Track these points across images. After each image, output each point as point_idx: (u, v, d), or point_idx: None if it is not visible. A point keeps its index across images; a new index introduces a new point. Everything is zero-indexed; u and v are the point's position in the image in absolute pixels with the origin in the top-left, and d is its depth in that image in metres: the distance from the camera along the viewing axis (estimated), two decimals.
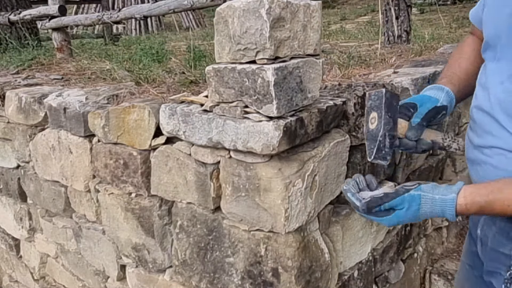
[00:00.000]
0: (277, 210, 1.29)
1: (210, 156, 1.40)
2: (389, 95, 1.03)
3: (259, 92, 1.16)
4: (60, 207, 2.10)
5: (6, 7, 4.43)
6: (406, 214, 0.96)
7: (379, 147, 1.02)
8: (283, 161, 1.28)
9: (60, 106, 1.89)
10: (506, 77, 0.98)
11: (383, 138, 1.02)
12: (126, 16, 3.09)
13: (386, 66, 2.18)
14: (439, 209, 0.95)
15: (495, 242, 1.07)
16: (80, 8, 11.22)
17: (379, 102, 1.03)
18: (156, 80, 2.01)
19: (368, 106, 1.06)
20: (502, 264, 1.04)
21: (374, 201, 0.97)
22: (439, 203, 0.95)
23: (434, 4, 7.65)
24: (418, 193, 0.96)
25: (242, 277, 1.44)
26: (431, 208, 0.95)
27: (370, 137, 1.05)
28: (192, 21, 11.22)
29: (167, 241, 1.66)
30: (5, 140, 2.36)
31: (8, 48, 3.80)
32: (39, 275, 2.51)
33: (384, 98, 1.02)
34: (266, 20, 1.09)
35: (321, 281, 1.45)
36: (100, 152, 1.76)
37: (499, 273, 1.06)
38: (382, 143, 1.02)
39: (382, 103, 1.03)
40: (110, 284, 2.02)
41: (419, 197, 0.96)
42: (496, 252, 1.06)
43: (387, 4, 2.85)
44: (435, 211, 0.95)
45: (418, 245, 2.17)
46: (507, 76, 0.97)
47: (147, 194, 1.65)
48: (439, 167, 2.20)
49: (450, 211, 0.93)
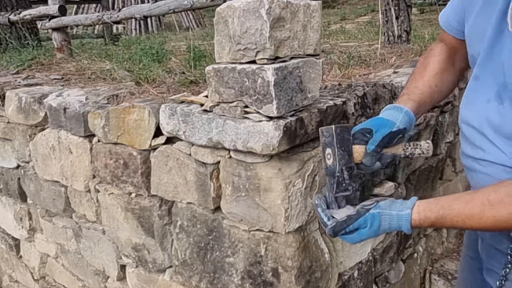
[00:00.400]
0: (277, 210, 1.29)
1: (210, 156, 1.40)
2: (339, 130, 1.06)
3: (259, 92, 1.16)
4: (60, 207, 2.10)
5: (6, 7, 4.43)
6: (368, 232, 1.01)
7: (339, 182, 1.06)
8: (283, 161, 1.28)
9: (60, 106, 1.89)
10: (493, 95, 0.98)
11: (340, 173, 1.06)
12: (126, 16, 3.09)
13: (386, 66, 2.18)
14: (396, 224, 1.00)
15: (493, 239, 1.07)
16: (80, 8, 11.22)
17: (331, 138, 1.06)
18: (156, 80, 2.01)
19: (322, 142, 1.09)
20: (498, 262, 1.05)
21: (339, 225, 1.01)
22: (396, 218, 1.00)
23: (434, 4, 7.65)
24: (377, 211, 1.01)
25: (242, 277, 1.44)
26: (389, 223, 1.00)
27: (329, 173, 1.08)
28: (192, 21, 11.22)
29: (167, 241, 1.66)
30: (5, 140, 2.36)
31: (8, 48, 3.80)
32: (39, 275, 2.51)
33: (335, 134, 1.05)
34: (266, 20, 1.09)
35: (321, 281, 1.45)
36: (100, 152, 1.76)
37: (494, 271, 1.07)
38: (341, 177, 1.06)
39: (333, 139, 1.06)
40: (110, 284, 2.02)
41: (379, 215, 1.01)
42: (493, 249, 1.07)
43: (387, 4, 2.85)
44: (393, 226, 1.00)
45: (418, 245, 2.17)
46: (493, 93, 0.98)
47: (147, 194, 1.65)
48: (439, 167, 2.20)
49: (406, 226, 0.98)
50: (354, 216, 1.01)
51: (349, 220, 1.01)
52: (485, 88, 1.01)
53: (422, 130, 1.91)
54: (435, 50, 1.26)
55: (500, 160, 0.98)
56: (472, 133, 1.06)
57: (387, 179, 1.77)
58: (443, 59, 1.23)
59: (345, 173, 1.06)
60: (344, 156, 1.06)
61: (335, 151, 1.05)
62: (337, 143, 1.05)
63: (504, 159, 0.97)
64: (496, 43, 0.98)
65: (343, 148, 1.06)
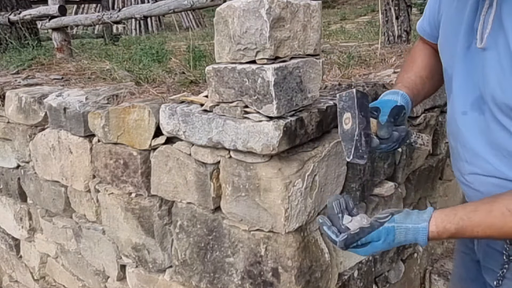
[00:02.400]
0: (277, 210, 1.29)
1: (210, 156, 1.40)
2: (360, 95, 1.04)
3: (259, 92, 1.16)
4: (60, 207, 2.10)
5: (6, 7, 4.43)
6: (382, 246, 0.99)
7: (357, 146, 1.02)
8: (283, 161, 1.28)
9: (60, 106, 1.89)
10: (469, 107, 1.00)
11: (359, 137, 1.02)
12: (126, 16, 3.09)
13: (386, 66, 2.18)
14: (412, 237, 0.98)
15: (488, 239, 1.07)
16: (80, 8, 11.22)
17: (351, 102, 1.04)
18: (156, 80, 2.01)
19: (340, 107, 1.07)
20: (495, 261, 1.06)
21: (351, 238, 0.99)
22: (412, 231, 0.98)
23: None
24: (392, 225, 0.99)
25: (242, 277, 1.44)
26: (405, 237, 0.98)
27: (346, 138, 1.05)
28: (192, 21, 11.22)
29: (167, 241, 1.66)
30: (5, 140, 2.36)
31: (8, 48, 3.80)
32: (39, 275, 2.51)
33: (355, 98, 1.03)
34: (266, 20, 1.09)
35: (321, 281, 1.45)
36: (100, 152, 1.76)
37: (491, 269, 1.07)
38: (359, 142, 1.02)
39: (354, 103, 1.03)
40: (110, 284, 2.02)
41: (393, 229, 0.98)
42: (489, 248, 1.08)
43: (387, 4, 2.85)
44: (408, 239, 0.98)
45: (418, 245, 2.17)
46: (469, 105, 1.00)
47: (147, 194, 1.65)
48: (439, 167, 2.20)
49: (423, 239, 0.97)
50: (367, 229, 0.98)
51: (361, 233, 0.98)
52: (461, 100, 1.02)
53: (422, 130, 1.91)
54: (420, 46, 1.30)
55: (486, 171, 0.99)
56: (455, 144, 1.08)
57: (387, 179, 1.77)
58: (429, 54, 1.27)
59: (363, 139, 1.02)
60: (363, 121, 1.03)
61: (356, 114, 1.02)
62: (358, 107, 1.02)
63: (490, 170, 0.98)
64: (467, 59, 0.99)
65: (363, 113, 1.03)
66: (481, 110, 0.97)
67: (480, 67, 0.95)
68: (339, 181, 1.51)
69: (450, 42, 1.06)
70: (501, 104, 0.90)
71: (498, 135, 0.94)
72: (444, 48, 1.11)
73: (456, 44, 1.02)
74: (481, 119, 0.97)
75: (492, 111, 0.94)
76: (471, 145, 1.01)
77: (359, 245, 1.00)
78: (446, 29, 1.09)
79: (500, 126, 0.93)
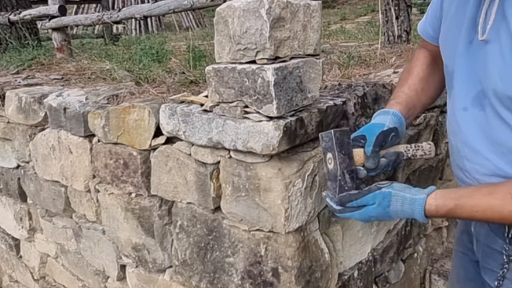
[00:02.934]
0: (277, 210, 1.29)
1: (210, 156, 1.40)
2: (338, 134, 1.07)
3: (259, 92, 1.16)
4: (60, 207, 2.10)
5: (6, 7, 4.43)
6: (376, 210, 1.00)
7: (341, 185, 1.06)
8: (283, 161, 1.28)
9: (60, 106, 1.89)
10: (470, 103, 1.00)
11: (341, 176, 1.07)
12: (126, 16, 3.09)
13: (386, 66, 2.18)
14: (408, 207, 0.97)
15: (488, 239, 1.08)
16: (80, 8, 11.22)
17: (330, 143, 1.08)
18: (156, 80, 2.01)
19: (323, 147, 1.11)
20: (495, 261, 1.05)
21: (348, 196, 1.02)
22: (409, 201, 0.98)
23: None
24: (389, 190, 1.00)
25: (242, 277, 1.44)
26: (401, 206, 0.98)
27: (331, 177, 1.10)
28: (192, 21, 11.22)
29: (167, 241, 1.66)
30: (5, 140, 2.36)
31: (8, 48, 3.80)
32: (39, 275, 2.51)
33: (334, 138, 1.07)
34: (266, 20, 1.09)
35: (321, 281, 1.45)
36: (100, 152, 1.76)
37: (491, 270, 1.07)
38: (342, 181, 1.07)
39: (333, 143, 1.07)
40: (110, 284, 2.02)
41: (389, 195, 0.99)
42: (489, 248, 1.08)
43: (387, 4, 2.85)
44: (404, 209, 0.98)
45: (418, 245, 2.17)
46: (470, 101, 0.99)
47: (147, 194, 1.65)
48: (439, 167, 2.20)
49: (419, 211, 0.96)
50: (364, 191, 1.01)
51: (358, 194, 1.01)
52: (462, 96, 1.02)
53: (422, 130, 1.91)
54: (418, 55, 1.30)
55: (486, 170, 0.99)
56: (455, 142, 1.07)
57: (387, 179, 1.77)
58: (427, 64, 1.26)
59: (346, 176, 1.07)
60: (345, 160, 1.07)
61: (336, 155, 1.07)
62: (337, 147, 1.07)
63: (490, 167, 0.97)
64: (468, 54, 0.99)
65: (343, 152, 1.07)
66: (481, 105, 0.97)
67: (481, 61, 0.94)
68: None
69: (451, 38, 1.05)
70: (503, 96, 0.90)
71: (498, 131, 0.94)
72: (445, 44, 1.10)
73: (457, 39, 1.02)
74: (481, 115, 0.97)
75: (493, 106, 0.93)
76: (471, 142, 1.01)
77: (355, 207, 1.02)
78: (448, 25, 1.08)
79: (501, 121, 0.93)
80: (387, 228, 1.84)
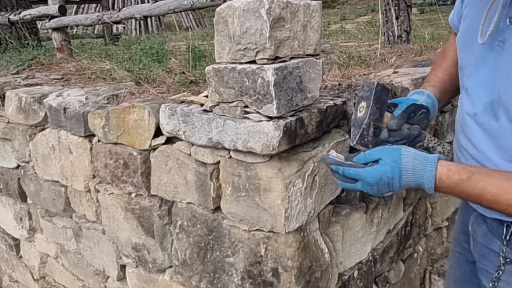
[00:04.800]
0: (277, 210, 1.29)
1: (210, 156, 1.40)
2: (380, 88, 1.08)
3: (259, 92, 1.16)
4: (60, 207, 2.10)
5: (6, 7, 4.43)
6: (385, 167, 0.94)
7: (362, 134, 1.07)
8: (283, 161, 1.28)
9: (60, 106, 1.89)
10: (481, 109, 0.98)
11: (367, 126, 1.07)
12: (126, 16, 3.09)
13: (386, 66, 2.18)
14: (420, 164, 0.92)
15: (485, 239, 1.07)
16: (80, 8, 11.22)
17: (369, 93, 1.09)
18: (156, 80, 2.01)
19: (360, 95, 1.12)
20: (491, 262, 1.04)
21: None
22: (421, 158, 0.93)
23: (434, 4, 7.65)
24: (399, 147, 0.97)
25: (242, 277, 1.44)
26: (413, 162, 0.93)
27: (356, 124, 1.10)
28: (192, 21, 11.22)
29: (167, 241, 1.66)
30: (5, 140, 2.36)
31: (8, 48, 3.80)
32: (39, 275, 2.51)
33: (374, 90, 1.08)
34: (266, 20, 1.09)
35: (321, 281, 1.45)
36: (100, 152, 1.76)
37: (486, 271, 1.06)
38: (366, 131, 1.07)
39: (372, 94, 1.07)
40: (110, 284, 2.02)
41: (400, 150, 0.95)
42: (486, 249, 1.07)
43: (387, 4, 2.85)
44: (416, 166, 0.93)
45: (418, 245, 2.17)
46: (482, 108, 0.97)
47: (147, 194, 1.65)
48: None
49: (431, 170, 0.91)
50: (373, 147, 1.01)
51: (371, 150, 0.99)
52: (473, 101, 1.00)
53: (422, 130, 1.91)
54: (452, 40, 1.28)
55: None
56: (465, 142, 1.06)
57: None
58: None
59: (371, 129, 1.07)
60: (376, 113, 1.07)
61: (370, 105, 1.07)
62: (374, 99, 1.07)
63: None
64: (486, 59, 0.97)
65: (377, 106, 1.08)
66: (495, 114, 0.93)
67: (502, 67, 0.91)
68: None
69: (468, 39, 1.03)
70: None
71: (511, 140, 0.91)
72: (461, 45, 1.08)
73: (474, 42, 0.99)
74: (492, 124, 0.94)
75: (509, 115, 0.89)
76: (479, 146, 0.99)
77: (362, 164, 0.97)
78: (466, 26, 1.06)
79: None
80: (387, 228, 1.84)
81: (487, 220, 1.06)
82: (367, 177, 0.95)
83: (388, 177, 0.94)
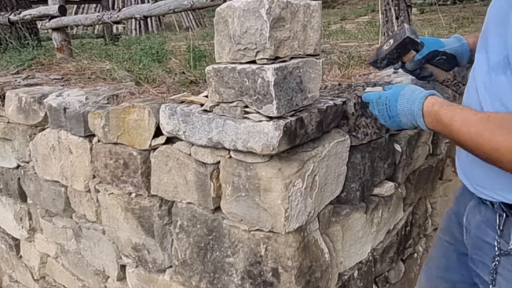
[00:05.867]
0: (277, 210, 1.29)
1: (210, 156, 1.40)
2: (408, 40, 1.31)
3: (259, 92, 1.16)
4: (60, 207, 2.10)
5: (6, 7, 4.42)
6: (390, 89, 1.16)
7: (376, 61, 1.38)
8: (283, 161, 1.28)
9: (60, 106, 1.89)
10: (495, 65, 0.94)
11: (382, 59, 1.36)
12: (126, 16, 3.08)
13: None
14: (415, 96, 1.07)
15: (479, 231, 1.07)
16: (80, 8, 11.21)
17: (399, 37, 1.32)
18: (156, 80, 2.01)
19: (393, 34, 1.37)
20: (486, 254, 1.04)
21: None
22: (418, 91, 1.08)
23: (434, 4, 7.65)
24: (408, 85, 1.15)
25: (242, 277, 1.44)
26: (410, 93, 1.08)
27: (377, 52, 1.37)
28: (192, 21, 11.21)
29: (167, 241, 1.66)
30: (5, 140, 2.36)
31: (8, 48, 3.79)
32: (39, 275, 2.51)
33: (403, 38, 1.31)
34: (266, 20, 1.09)
35: (321, 281, 1.45)
36: (100, 152, 1.76)
37: (482, 262, 1.06)
38: (380, 61, 1.37)
39: (399, 39, 1.32)
40: (110, 284, 2.02)
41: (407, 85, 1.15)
42: (480, 240, 1.07)
43: (387, 4, 2.84)
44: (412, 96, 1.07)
45: (418, 245, 2.17)
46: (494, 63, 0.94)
47: (147, 194, 1.65)
48: (439, 167, 2.20)
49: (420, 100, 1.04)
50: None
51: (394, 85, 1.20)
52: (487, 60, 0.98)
53: (422, 130, 1.91)
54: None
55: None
56: None
57: (387, 179, 1.77)
58: None
59: (384, 61, 1.37)
60: (394, 55, 1.34)
61: (393, 46, 1.33)
62: (399, 44, 1.32)
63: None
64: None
65: (399, 50, 1.33)
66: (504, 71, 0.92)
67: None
68: (339, 181, 1.51)
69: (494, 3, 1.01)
70: None
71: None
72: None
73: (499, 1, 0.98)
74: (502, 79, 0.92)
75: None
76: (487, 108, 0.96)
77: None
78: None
79: None
80: (387, 228, 1.84)
81: (481, 211, 1.06)
82: (370, 95, 1.21)
83: (386, 97, 1.15)
